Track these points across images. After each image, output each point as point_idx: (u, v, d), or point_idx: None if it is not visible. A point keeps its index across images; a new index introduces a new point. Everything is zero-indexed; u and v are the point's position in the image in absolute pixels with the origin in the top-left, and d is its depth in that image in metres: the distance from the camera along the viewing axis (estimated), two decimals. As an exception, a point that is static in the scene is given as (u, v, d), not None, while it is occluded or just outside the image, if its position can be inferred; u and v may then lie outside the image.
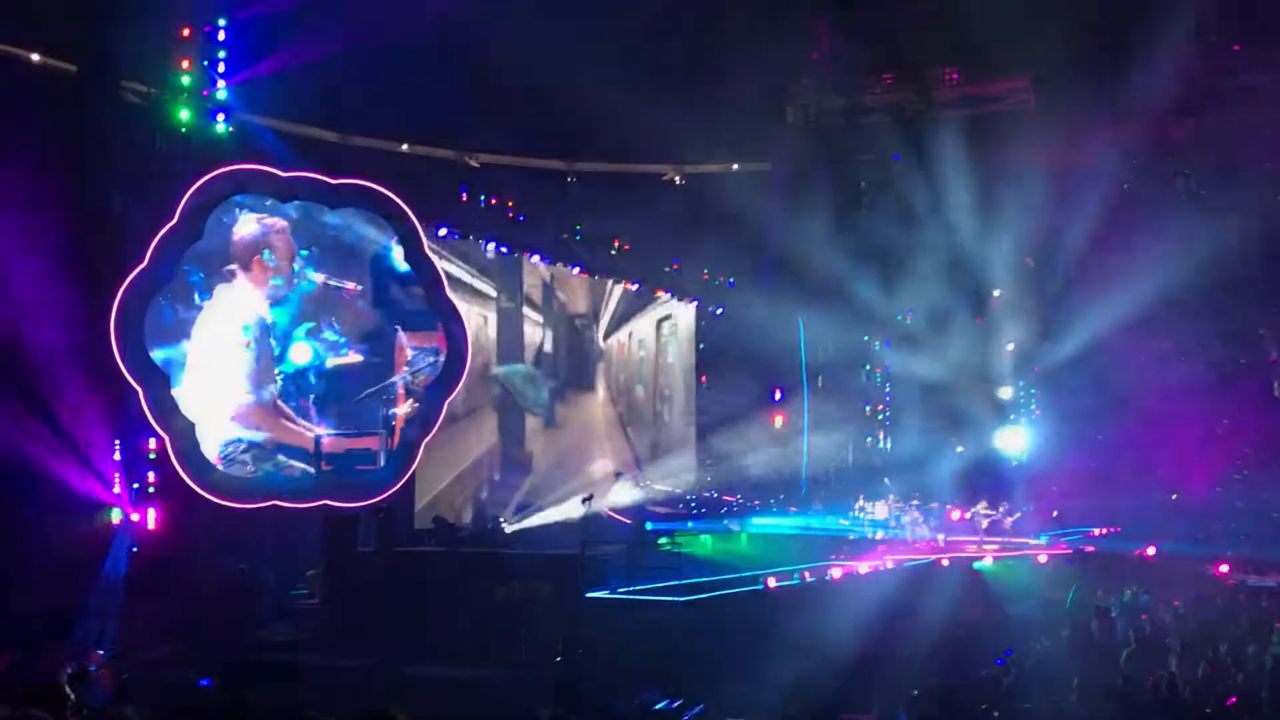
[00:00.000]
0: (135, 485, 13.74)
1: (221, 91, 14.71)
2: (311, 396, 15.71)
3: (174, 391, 14.23)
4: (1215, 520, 24.06)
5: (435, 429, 16.86)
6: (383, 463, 16.21)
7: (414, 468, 16.63)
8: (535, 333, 20.42)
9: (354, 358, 16.19)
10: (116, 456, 13.63)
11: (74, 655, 11.12)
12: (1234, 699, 10.40)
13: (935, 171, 20.96)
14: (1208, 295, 23.39)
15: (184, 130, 14.42)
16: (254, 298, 15.29)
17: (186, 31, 14.48)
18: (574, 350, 21.55)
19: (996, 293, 26.54)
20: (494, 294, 19.25)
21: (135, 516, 13.65)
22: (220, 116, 14.75)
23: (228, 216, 15.02)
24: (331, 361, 15.94)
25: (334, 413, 15.95)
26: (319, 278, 15.88)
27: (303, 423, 15.63)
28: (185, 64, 14.39)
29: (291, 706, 7.57)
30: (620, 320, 22.59)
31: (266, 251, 15.32)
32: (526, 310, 20.12)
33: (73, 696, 4.68)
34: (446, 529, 15.73)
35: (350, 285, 16.22)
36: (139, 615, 13.24)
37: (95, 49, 13.78)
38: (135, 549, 13.54)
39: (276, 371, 15.41)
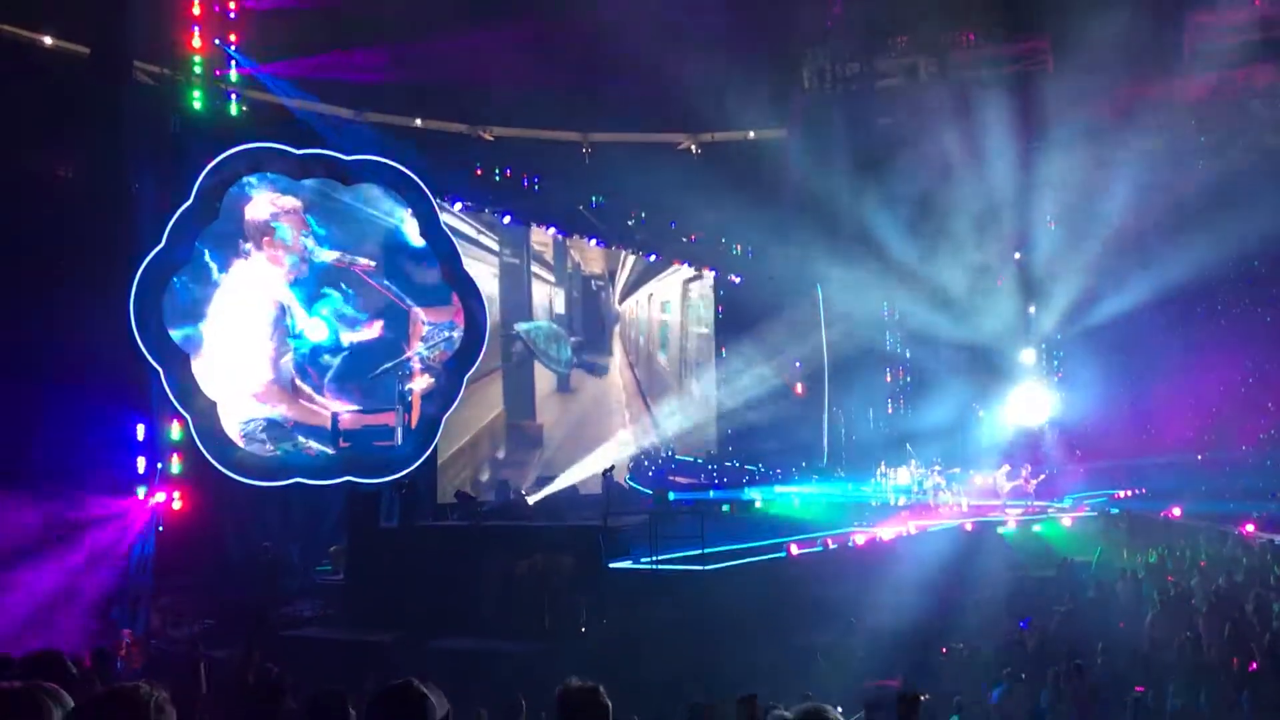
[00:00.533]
0: (160, 466, 13.82)
1: (234, 71, 14.69)
2: (327, 373, 15.76)
3: (194, 371, 14.29)
4: (1243, 479, 23.90)
5: (455, 404, 16.91)
6: (400, 438, 16.26)
7: (435, 443, 16.68)
8: (544, 291, 20.32)
9: (369, 334, 16.22)
10: (140, 438, 13.69)
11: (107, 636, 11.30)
12: (1255, 664, 10.37)
13: (953, 134, 20.74)
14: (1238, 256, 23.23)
15: (198, 110, 14.41)
16: (269, 276, 15.31)
17: (198, 10, 14.45)
18: (589, 312, 21.47)
19: (1017, 255, 26.34)
20: (497, 249, 19.16)
21: (160, 497, 13.73)
22: (233, 96, 14.73)
23: (240, 196, 15.02)
24: (347, 338, 15.98)
25: (350, 389, 15.99)
26: (333, 255, 15.89)
27: (319, 400, 15.68)
28: (198, 45, 14.36)
29: (316, 681, 7.64)
30: (638, 282, 22.49)
31: (279, 230, 15.34)
32: (536, 269, 20.00)
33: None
34: (469, 503, 15.77)
35: (364, 262, 16.23)
36: (167, 594, 13.39)
37: (107, 31, 13.78)
38: (161, 529, 13.63)
39: (292, 349, 15.45)
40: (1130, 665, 11.07)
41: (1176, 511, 21.21)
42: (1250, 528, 19.45)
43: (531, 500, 16.81)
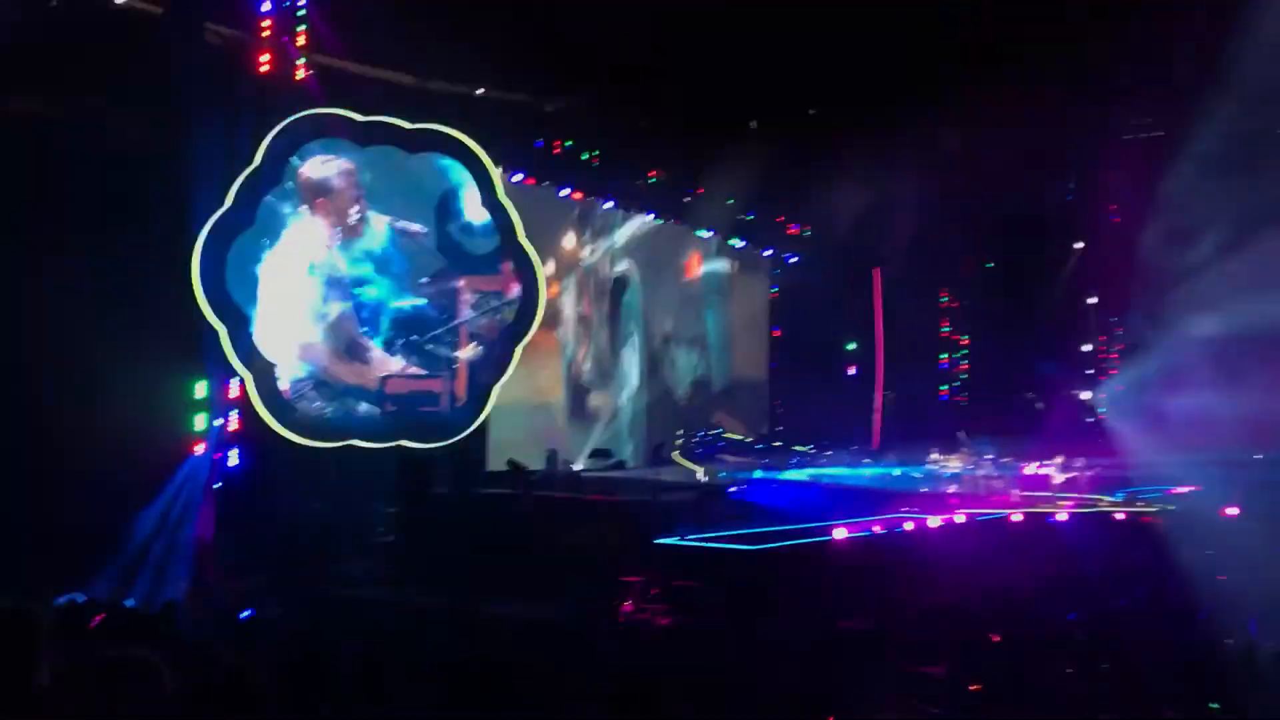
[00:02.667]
0: (218, 423, 14.06)
1: (302, 36, 14.77)
2: (376, 337, 15.88)
3: (252, 332, 14.51)
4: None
5: (509, 373, 17.03)
6: (447, 404, 16.38)
7: (487, 411, 16.82)
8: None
9: (418, 300, 16.32)
10: (200, 395, 13.93)
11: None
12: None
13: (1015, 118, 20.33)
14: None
15: (265, 73, 14.52)
16: (320, 238, 15.43)
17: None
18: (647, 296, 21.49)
19: (1079, 245, 25.97)
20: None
21: (218, 454, 13.98)
22: (300, 60, 14.82)
23: (296, 157, 15.15)
24: (395, 303, 16.09)
25: (398, 354, 16.08)
26: (385, 219, 15.98)
27: (367, 362, 15.81)
28: (267, 7, 14.47)
29: (367, 642, 7.77)
30: (690, 266, 22.44)
31: (332, 192, 15.44)
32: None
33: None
34: (520, 472, 15.90)
35: (416, 228, 16.30)
36: (222, 551, 13.64)
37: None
38: (219, 485, 13.88)
39: (341, 311, 15.58)
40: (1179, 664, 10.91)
41: (1233, 511, 20.85)
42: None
43: (582, 474, 16.91)
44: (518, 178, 17.99)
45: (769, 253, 24.37)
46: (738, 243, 23.46)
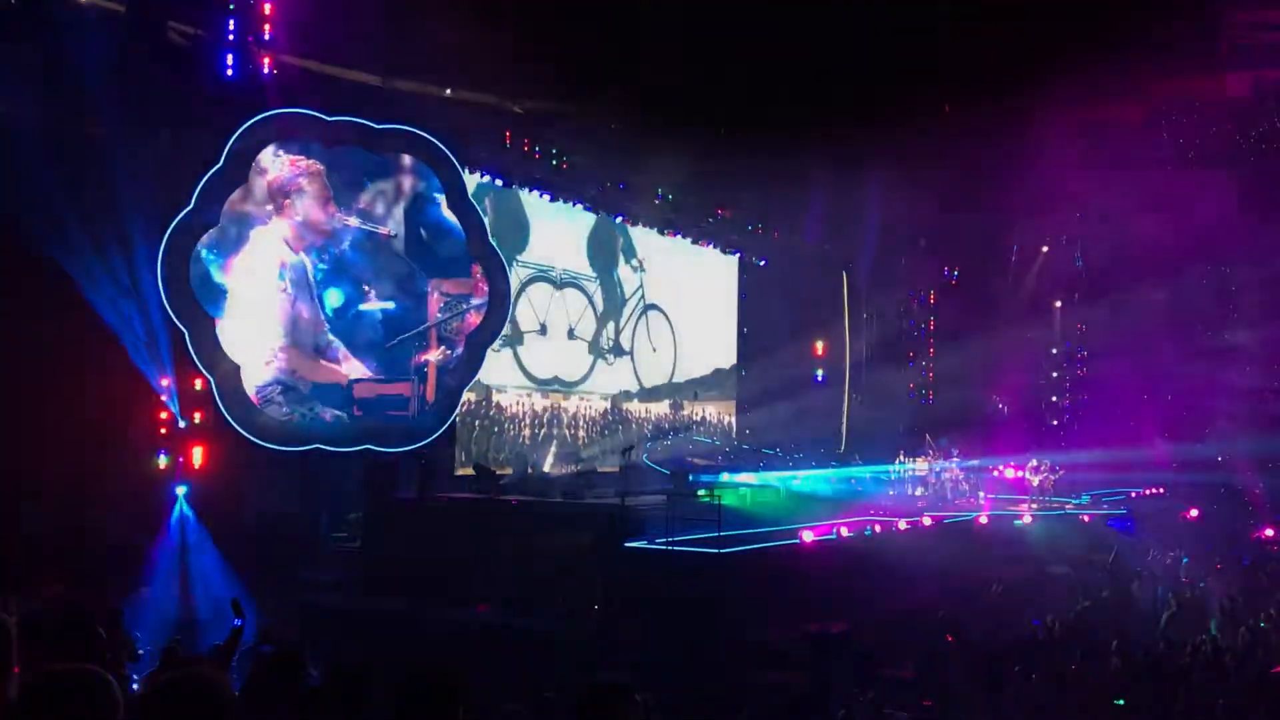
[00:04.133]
0: (183, 425, 13.88)
1: (267, 34, 14.62)
2: (344, 340, 15.76)
3: (218, 334, 14.33)
4: (1262, 483, 23.77)
5: (476, 377, 16.95)
6: (415, 409, 16.29)
7: (455, 415, 16.72)
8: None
9: (386, 303, 16.21)
10: (164, 399, 13.75)
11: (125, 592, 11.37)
12: (1278, 668, 10.29)
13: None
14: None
15: (229, 73, 14.36)
16: (289, 240, 15.30)
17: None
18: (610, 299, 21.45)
19: (1044, 249, 26.23)
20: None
21: (182, 459, 13.80)
22: (266, 59, 14.67)
23: (265, 159, 15.01)
24: (364, 306, 15.98)
25: (367, 357, 15.98)
26: (353, 221, 15.86)
27: (335, 366, 15.69)
28: (232, 7, 14.31)
29: (332, 648, 7.70)
30: (658, 270, 22.39)
31: (301, 194, 15.31)
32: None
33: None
34: (487, 476, 15.82)
35: (385, 230, 16.21)
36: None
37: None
38: (184, 491, 13.71)
39: (310, 315, 15.46)
40: (1145, 667, 11.02)
41: (1194, 513, 21.12)
42: (1269, 532, 19.35)
43: (550, 477, 16.84)
44: (485, 179, 17.89)
45: (737, 255, 24.40)
46: (706, 244, 23.44)
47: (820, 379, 25.64)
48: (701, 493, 15.84)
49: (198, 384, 14.03)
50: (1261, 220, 22.23)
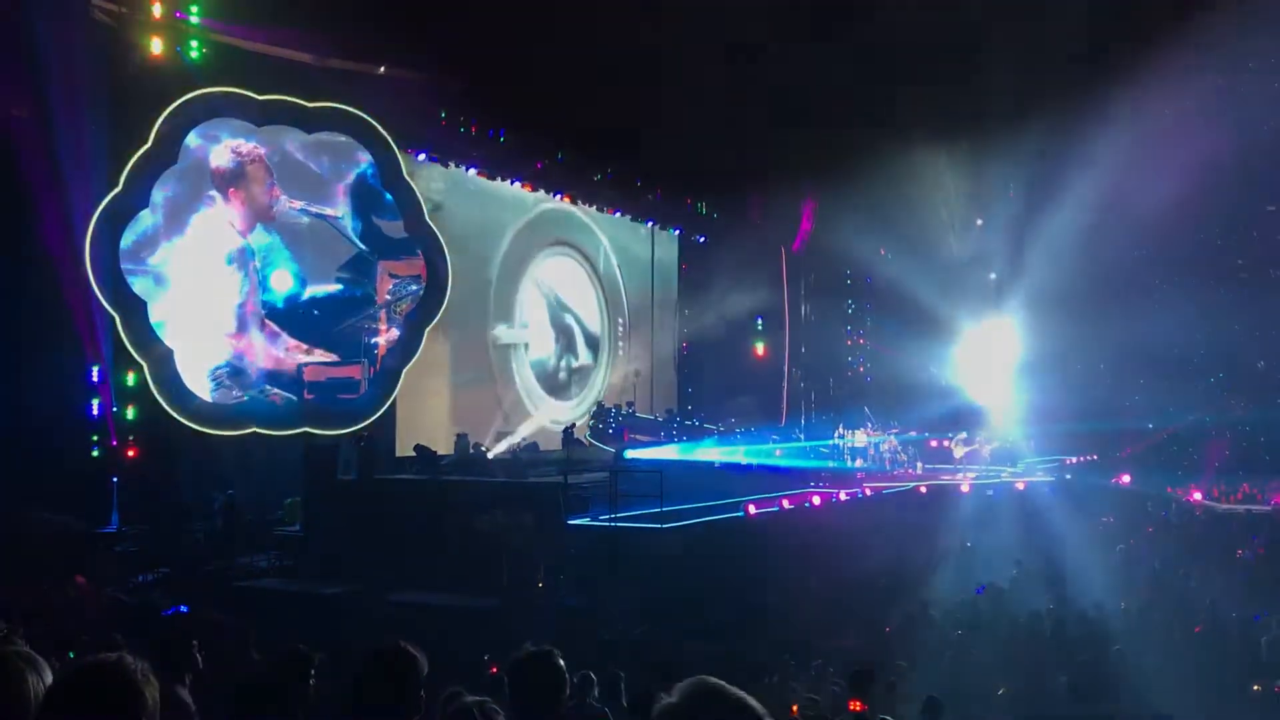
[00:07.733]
0: (115, 411, 13.65)
1: (195, 13, 14.31)
2: (293, 324, 15.59)
3: (151, 318, 14.07)
4: (1190, 448, 24.40)
5: (416, 357, 16.83)
6: (365, 391, 16.18)
7: (395, 396, 16.60)
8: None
9: (335, 286, 16.06)
10: (94, 382, 13.51)
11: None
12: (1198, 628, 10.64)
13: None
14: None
15: (156, 52, 14.04)
16: (234, 225, 15.09)
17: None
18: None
19: (979, 222, 26.53)
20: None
21: (114, 445, 13.59)
22: (193, 39, 14.36)
23: (205, 143, 14.74)
24: (312, 289, 15.81)
25: (316, 340, 15.84)
26: (298, 205, 15.66)
27: (285, 350, 15.53)
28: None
29: (272, 633, 7.63)
30: (591, 247, 22.31)
31: (244, 179, 15.09)
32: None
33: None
34: (428, 457, 15.72)
35: (330, 212, 16.03)
36: (122, 542, 13.30)
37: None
38: (116, 479, 13.51)
39: (258, 298, 15.26)
40: (1078, 628, 11.30)
41: (1125, 479, 21.62)
42: (1197, 495, 19.87)
43: (491, 457, 16.76)
44: (421, 157, 17.67)
45: (678, 232, 24.41)
46: (647, 224, 23.42)
47: (760, 354, 25.80)
48: (643, 469, 15.91)
49: (130, 373, 13.81)
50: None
